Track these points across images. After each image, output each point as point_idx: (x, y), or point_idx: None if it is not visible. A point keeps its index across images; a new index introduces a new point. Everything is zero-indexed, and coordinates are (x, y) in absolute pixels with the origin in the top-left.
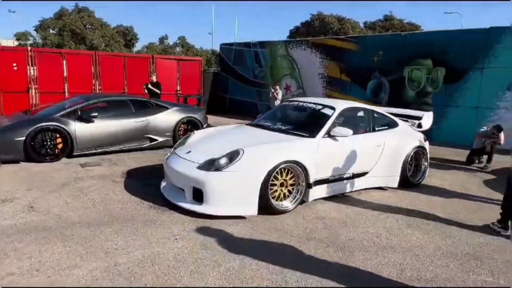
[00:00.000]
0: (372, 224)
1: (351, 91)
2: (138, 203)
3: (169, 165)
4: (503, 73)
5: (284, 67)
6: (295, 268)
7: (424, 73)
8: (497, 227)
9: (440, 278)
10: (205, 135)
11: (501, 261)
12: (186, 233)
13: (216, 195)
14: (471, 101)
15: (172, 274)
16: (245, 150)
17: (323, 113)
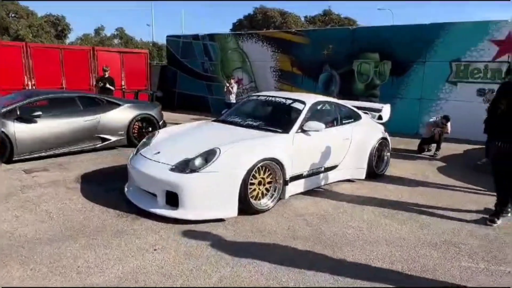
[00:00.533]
0: (351, 218)
1: (303, 84)
2: (103, 212)
3: (135, 168)
4: (442, 66)
5: (235, 60)
6: (289, 270)
7: (372, 66)
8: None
9: (429, 268)
10: (172, 134)
11: (476, 246)
12: (165, 242)
13: (193, 199)
14: (415, 93)
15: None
16: (222, 149)
17: (294, 108)
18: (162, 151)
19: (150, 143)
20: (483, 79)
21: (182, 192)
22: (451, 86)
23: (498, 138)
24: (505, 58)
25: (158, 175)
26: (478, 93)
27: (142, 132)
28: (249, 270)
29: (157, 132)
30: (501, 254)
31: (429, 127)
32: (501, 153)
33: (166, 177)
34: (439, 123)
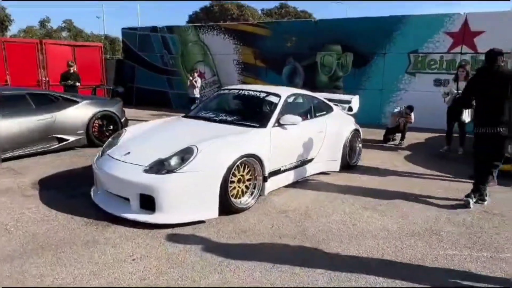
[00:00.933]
0: (332, 211)
1: (268, 77)
2: (68, 221)
3: (103, 170)
4: (401, 58)
5: (196, 53)
6: (281, 271)
7: (335, 58)
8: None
9: (417, 258)
10: (141, 132)
11: (456, 233)
12: (144, 250)
13: (170, 201)
14: (377, 84)
15: None
16: (199, 147)
17: (269, 101)
18: (133, 151)
19: (118, 143)
20: (439, 69)
21: (159, 194)
22: (410, 77)
23: (476, 124)
24: (459, 50)
25: (130, 178)
26: (435, 83)
27: (103, 130)
28: (238, 275)
29: (124, 130)
30: (480, 240)
31: (394, 117)
32: (479, 138)
33: (139, 180)
34: (403, 113)
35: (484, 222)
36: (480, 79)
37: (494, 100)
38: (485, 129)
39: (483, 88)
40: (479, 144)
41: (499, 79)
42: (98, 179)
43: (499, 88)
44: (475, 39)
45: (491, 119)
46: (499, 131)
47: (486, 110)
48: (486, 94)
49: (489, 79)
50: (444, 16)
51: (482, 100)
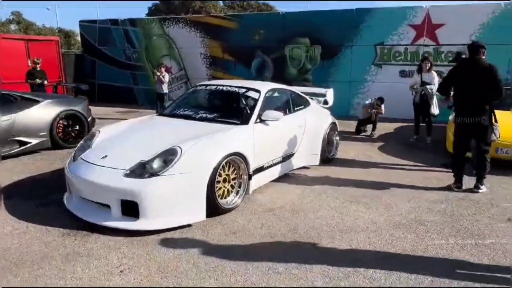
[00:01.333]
0: (319, 207)
1: (237, 70)
2: (42, 232)
3: (78, 176)
4: (368, 50)
5: (162, 47)
6: (278, 273)
7: (303, 51)
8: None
9: (408, 249)
10: (116, 133)
11: (440, 222)
12: (131, 260)
13: (155, 206)
14: (345, 76)
15: None
16: (183, 148)
17: (249, 97)
18: (110, 154)
19: (91, 145)
20: (404, 61)
21: (143, 200)
22: (376, 69)
23: (458, 114)
24: (422, 42)
25: (110, 183)
26: (400, 75)
27: (68, 131)
28: (237, 280)
29: (98, 132)
30: (463, 228)
31: (365, 109)
32: (460, 127)
33: (120, 185)
34: (374, 105)
35: (462, 210)
36: (462, 71)
37: (475, 91)
38: (467, 119)
39: (464, 79)
40: (460, 132)
41: (480, 71)
42: (72, 185)
43: (480, 79)
44: (436, 31)
45: (473, 109)
46: (480, 121)
47: (467, 101)
48: (467, 85)
49: (470, 71)
50: (408, 9)
51: (464, 91)
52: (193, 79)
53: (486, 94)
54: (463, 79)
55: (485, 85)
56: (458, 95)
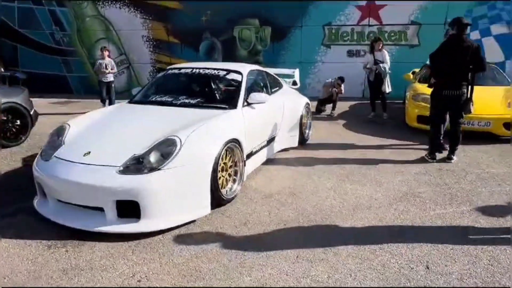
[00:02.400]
0: (316, 189)
1: (184, 53)
2: (21, 247)
3: (57, 177)
4: (317, 30)
5: (97, 30)
6: (307, 259)
7: (253, 32)
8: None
9: (417, 222)
10: (90, 126)
11: (431, 192)
12: (144, 267)
13: (158, 204)
14: (295, 57)
15: None
16: (181, 137)
17: (231, 80)
18: (94, 150)
19: (65, 142)
20: (351, 41)
21: (144, 198)
22: (325, 49)
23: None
24: (366, 22)
25: (102, 183)
26: (348, 54)
27: (8, 127)
28: (271, 274)
29: (67, 126)
30: (453, 196)
31: (326, 88)
32: (442, 100)
33: (115, 183)
34: (335, 84)
35: (445, 180)
36: (448, 47)
37: (459, 65)
38: (450, 92)
39: (450, 54)
40: (441, 106)
41: (465, 47)
42: (48, 189)
43: (464, 55)
44: (379, 11)
45: (456, 82)
46: (463, 94)
47: (451, 74)
48: (452, 59)
49: (456, 46)
50: None
51: (448, 65)
52: (136, 64)
53: (468, 69)
54: (449, 54)
55: (469, 61)
56: (444, 69)
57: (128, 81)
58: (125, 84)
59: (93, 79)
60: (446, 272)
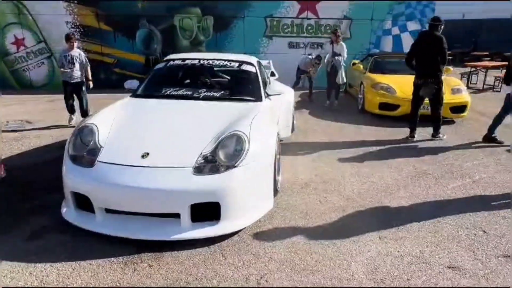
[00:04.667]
0: (340, 176)
1: (117, 42)
2: (93, 270)
3: (124, 185)
4: (259, 22)
5: (7, 13)
6: (390, 238)
7: (195, 22)
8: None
9: (448, 196)
10: (122, 124)
11: (438, 170)
12: (252, 270)
13: (237, 203)
14: (239, 48)
15: None
16: (245, 132)
17: (247, 71)
18: (152, 151)
19: (102, 144)
20: (291, 33)
21: (224, 198)
22: (268, 40)
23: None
24: (305, 15)
25: (179, 186)
26: (289, 46)
27: None
28: (372, 257)
29: (94, 126)
30: (455, 171)
31: (309, 63)
32: (420, 86)
33: (195, 185)
34: (313, 63)
35: (442, 157)
36: (422, 41)
37: (433, 56)
38: (427, 79)
39: (425, 47)
40: (419, 90)
41: (437, 41)
42: (102, 199)
43: (437, 47)
44: (316, 6)
45: (431, 70)
46: (439, 80)
47: (427, 64)
48: (427, 51)
49: (430, 41)
50: None
51: (424, 57)
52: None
53: (436, 60)
54: (425, 47)
55: (440, 51)
56: (420, 61)
57: (49, 73)
58: (45, 77)
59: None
60: (500, 234)
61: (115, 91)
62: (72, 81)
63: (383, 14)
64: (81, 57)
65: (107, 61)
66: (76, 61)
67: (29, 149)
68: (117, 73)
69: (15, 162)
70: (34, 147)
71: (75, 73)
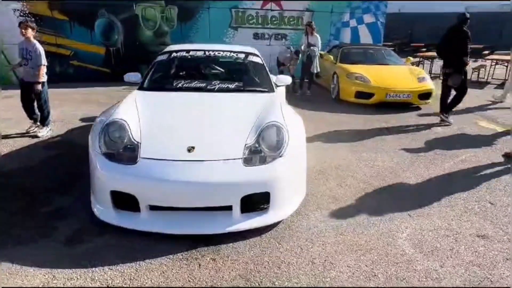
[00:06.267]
0: (349, 161)
1: (74, 33)
2: (160, 269)
3: (173, 181)
4: (224, 12)
5: None
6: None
7: (158, 12)
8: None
9: (463, 171)
10: (150, 118)
11: (427, 149)
12: (326, 255)
13: (283, 192)
14: (204, 39)
15: None
16: (281, 122)
17: (255, 62)
18: (197, 144)
19: (139, 140)
20: (256, 24)
21: (274, 188)
22: (233, 31)
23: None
24: (269, 7)
25: (232, 178)
26: (254, 37)
27: None
28: (422, 228)
29: (123, 122)
30: (446, 151)
31: (288, 59)
32: (445, 74)
33: (248, 177)
34: (293, 57)
35: (442, 140)
36: (451, 35)
37: (458, 49)
38: (454, 68)
39: (453, 40)
40: (448, 79)
41: (464, 35)
42: (151, 196)
43: (462, 41)
44: None
45: (457, 61)
46: (464, 70)
47: (454, 55)
48: (454, 45)
49: (456, 35)
50: None
51: (452, 48)
52: (7, 45)
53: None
54: (452, 40)
55: (464, 45)
56: (448, 52)
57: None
58: None
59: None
60: (504, 205)
61: (73, 85)
62: (26, 79)
63: (341, 7)
64: (37, 52)
65: (62, 53)
66: (31, 56)
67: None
68: (74, 65)
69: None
70: None
71: (29, 70)
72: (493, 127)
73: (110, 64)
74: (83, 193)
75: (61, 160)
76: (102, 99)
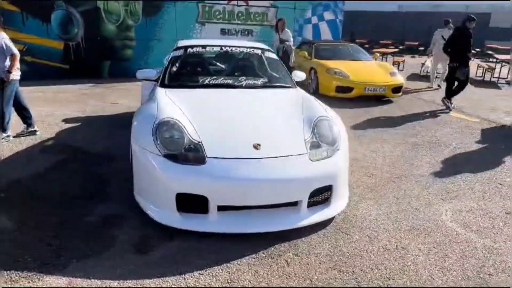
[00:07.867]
0: (362, 153)
1: (27, 25)
2: (249, 271)
3: (241, 179)
4: (191, 7)
5: None
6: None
7: (122, 5)
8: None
9: (467, 155)
10: (199, 117)
11: (426, 138)
12: (396, 240)
13: (342, 185)
14: (171, 34)
15: None
16: (327, 116)
17: (273, 58)
18: (262, 141)
19: (201, 139)
20: (223, 20)
21: (337, 180)
22: (200, 26)
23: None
24: (236, 2)
25: (301, 174)
26: (221, 32)
27: None
28: (457, 209)
29: (175, 121)
30: (440, 140)
31: None
32: (452, 68)
33: (316, 171)
34: None
35: (438, 123)
36: (458, 34)
37: (463, 46)
38: (460, 62)
39: (460, 38)
40: (453, 72)
41: (468, 35)
42: (223, 196)
43: (466, 39)
44: None
45: (462, 57)
46: (467, 65)
47: (458, 52)
48: (461, 42)
49: (460, 34)
50: None
51: (458, 46)
52: None
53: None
54: (458, 38)
55: (468, 43)
56: (455, 49)
57: None
58: None
59: None
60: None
61: (29, 83)
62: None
63: (304, 3)
64: (6, 46)
65: None
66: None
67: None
68: (28, 61)
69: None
70: None
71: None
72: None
73: (70, 60)
74: (122, 198)
75: (70, 166)
76: (71, 98)
